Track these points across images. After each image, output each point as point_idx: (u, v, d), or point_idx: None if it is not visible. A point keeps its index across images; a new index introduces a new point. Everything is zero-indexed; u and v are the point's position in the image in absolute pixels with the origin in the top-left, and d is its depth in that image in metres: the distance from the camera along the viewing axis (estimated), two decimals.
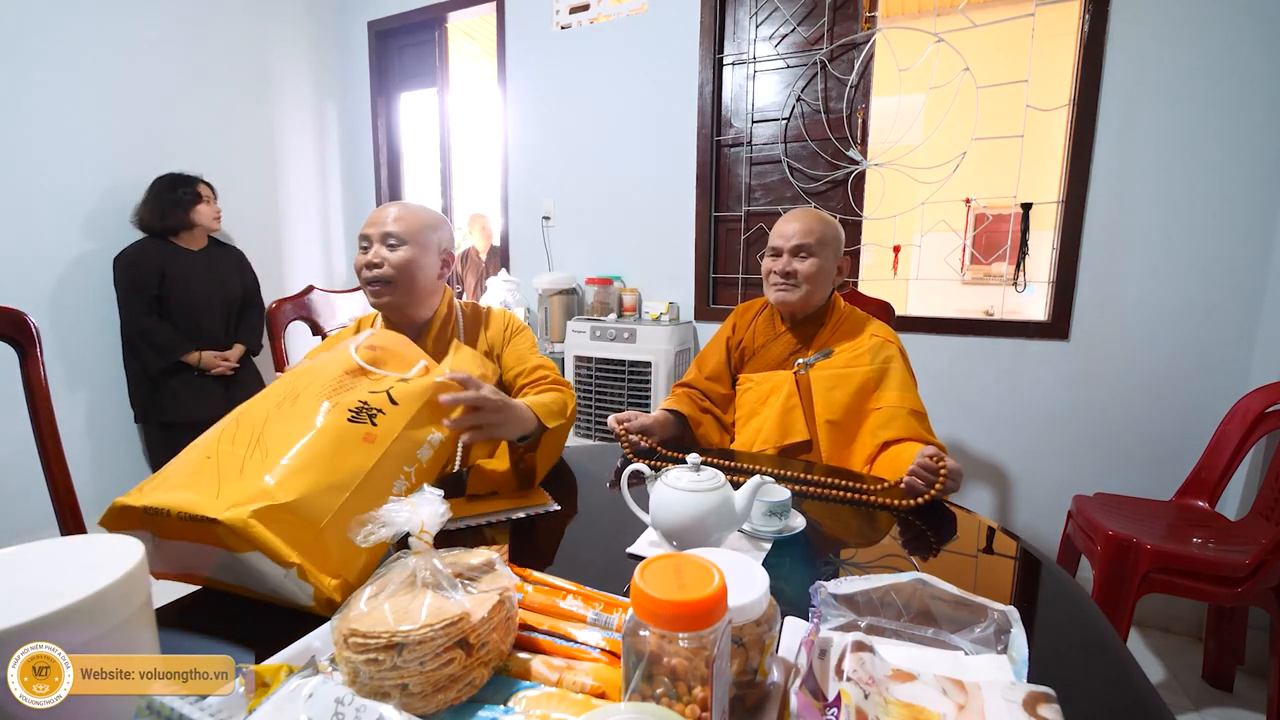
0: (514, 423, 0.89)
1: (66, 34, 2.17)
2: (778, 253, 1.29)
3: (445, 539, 0.75)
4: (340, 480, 0.63)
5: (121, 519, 0.60)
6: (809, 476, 1.02)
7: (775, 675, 0.50)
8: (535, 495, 0.93)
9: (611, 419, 1.18)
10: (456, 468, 1.09)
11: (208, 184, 2.38)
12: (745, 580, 0.47)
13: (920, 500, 0.92)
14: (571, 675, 0.48)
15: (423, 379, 0.79)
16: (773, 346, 1.34)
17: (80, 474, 1.06)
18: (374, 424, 0.68)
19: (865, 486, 0.98)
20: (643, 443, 1.19)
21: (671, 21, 2.43)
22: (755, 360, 1.37)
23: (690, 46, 2.41)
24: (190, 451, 0.66)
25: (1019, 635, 0.52)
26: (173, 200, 2.27)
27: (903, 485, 0.95)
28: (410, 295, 1.09)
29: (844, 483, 0.98)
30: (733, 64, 2.40)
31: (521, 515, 0.87)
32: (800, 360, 1.27)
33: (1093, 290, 1.92)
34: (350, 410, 0.68)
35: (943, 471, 0.93)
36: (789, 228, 1.28)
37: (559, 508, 0.90)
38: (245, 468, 0.61)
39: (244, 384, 2.43)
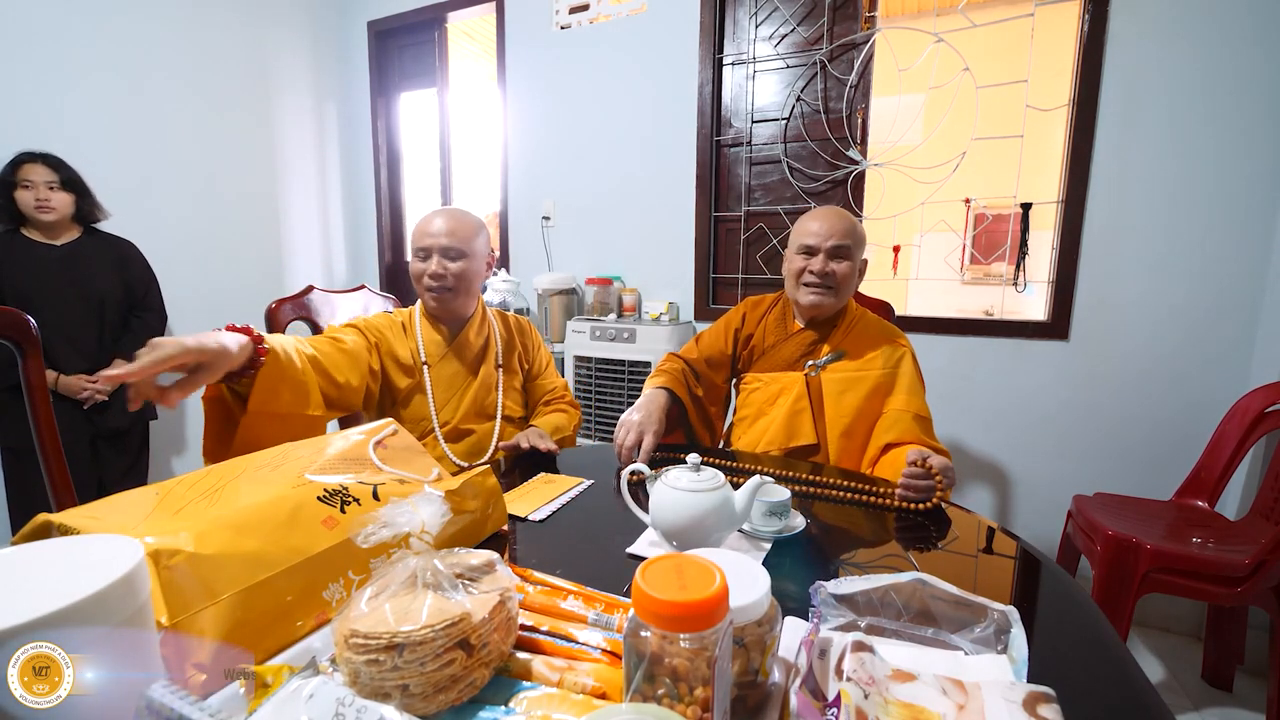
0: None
1: (66, 33, 2.17)
2: (812, 251, 1.24)
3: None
4: (273, 555, 0.55)
5: (39, 535, 0.54)
6: (809, 477, 1.02)
7: (776, 675, 0.50)
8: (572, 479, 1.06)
9: (624, 446, 1.11)
10: (487, 459, 1.21)
11: (48, 162, 1.90)
12: (746, 580, 0.47)
13: (925, 505, 0.92)
14: (572, 676, 0.48)
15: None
16: (783, 347, 1.32)
17: None
18: (343, 511, 0.62)
19: (865, 487, 0.98)
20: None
21: (671, 21, 2.43)
22: (764, 360, 1.35)
23: (690, 46, 2.41)
24: (148, 487, 0.61)
25: (1019, 635, 0.52)
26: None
27: (897, 497, 0.94)
28: (465, 297, 1.26)
29: (844, 483, 0.98)
30: (732, 64, 2.40)
31: (575, 492, 0.99)
32: (812, 362, 1.26)
33: (1092, 290, 1.92)
34: (326, 490, 0.63)
35: (939, 480, 0.92)
36: (822, 226, 1.23)
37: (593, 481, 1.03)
38: (185, 510, 0.55)
39: (120, 408, 1.98)
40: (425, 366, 1.22)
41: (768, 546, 0.79)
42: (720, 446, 1.38)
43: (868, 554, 0.83)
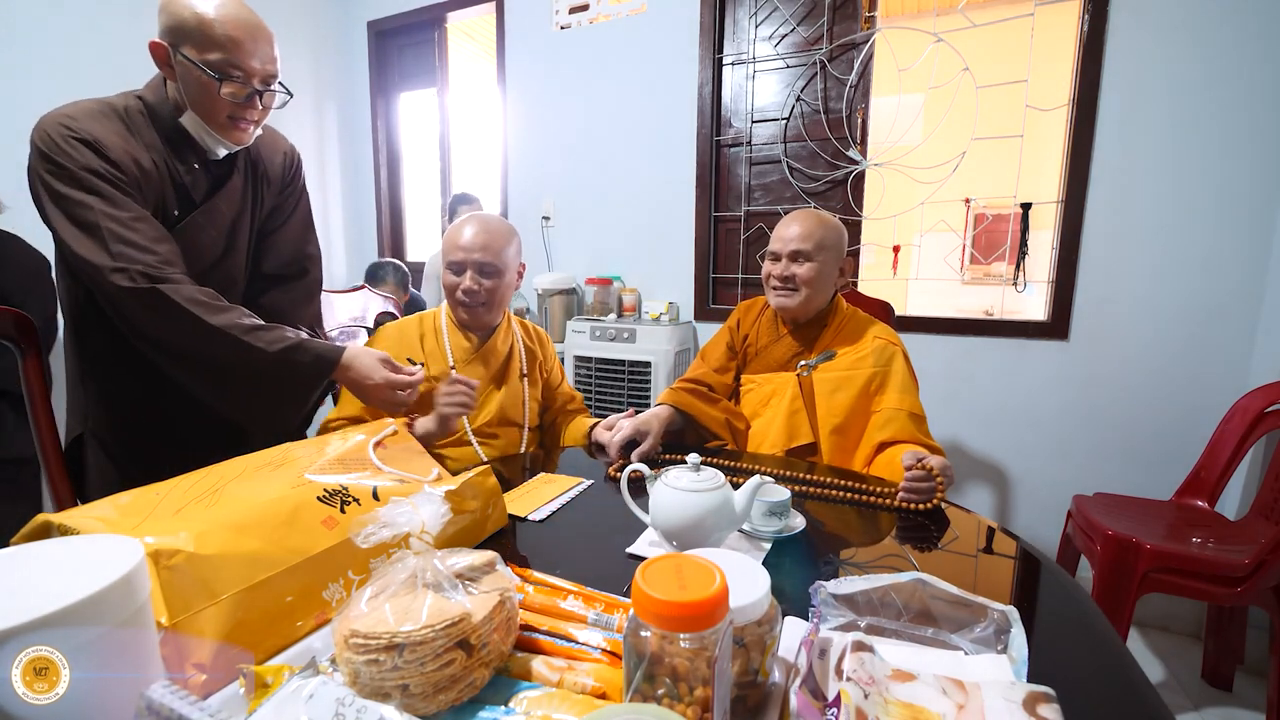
0: None
1: (63, 34, 2.17)
2: (776, 256, 1.29)
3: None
4: (273, 555, 0.54)
5: (38, 535, 0.54)
6: (810, 477, 1.02)
7: (776, 675, 0.50)
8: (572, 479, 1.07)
9: (614, 444, 1.14)
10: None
11: None
12: (746, 581, 0.47)
13: (926, 505, 0.92)
14: (572, 676, 0.48)
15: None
16: (775, 348, 1.34)
17: None
18: (342, 511, 0.62)
19: (866, 487, 0.98)
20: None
21: (671, 21, 2.43)
22: (757, 361, 1.36)
23: (690, 46, 2.41)
24: (147, 487, 0.61)
25: (1019, 635, 0.52)
26: None
27: (899, 500, 0.94)
28: (496, 310, 1.27)
29: (844, 483, 0.98)
30: (732, 64, 2.40)
31: (575, 492, 0.99)
32: (803, 363, 1.27)
33: (1092, 290, 1.92)
34: (326, 490, 0.63)
35: (939, 480, 0.93)
36: (788, 231, 1.27)
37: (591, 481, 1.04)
38: (185, 510, 0.56)
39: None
40: (453, 369, 1.23)
41: (768, 546, 0.79)
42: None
43: (868, 554, 0.83)
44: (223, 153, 1.04)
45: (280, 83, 1.03)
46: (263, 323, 0.96)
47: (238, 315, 0.95)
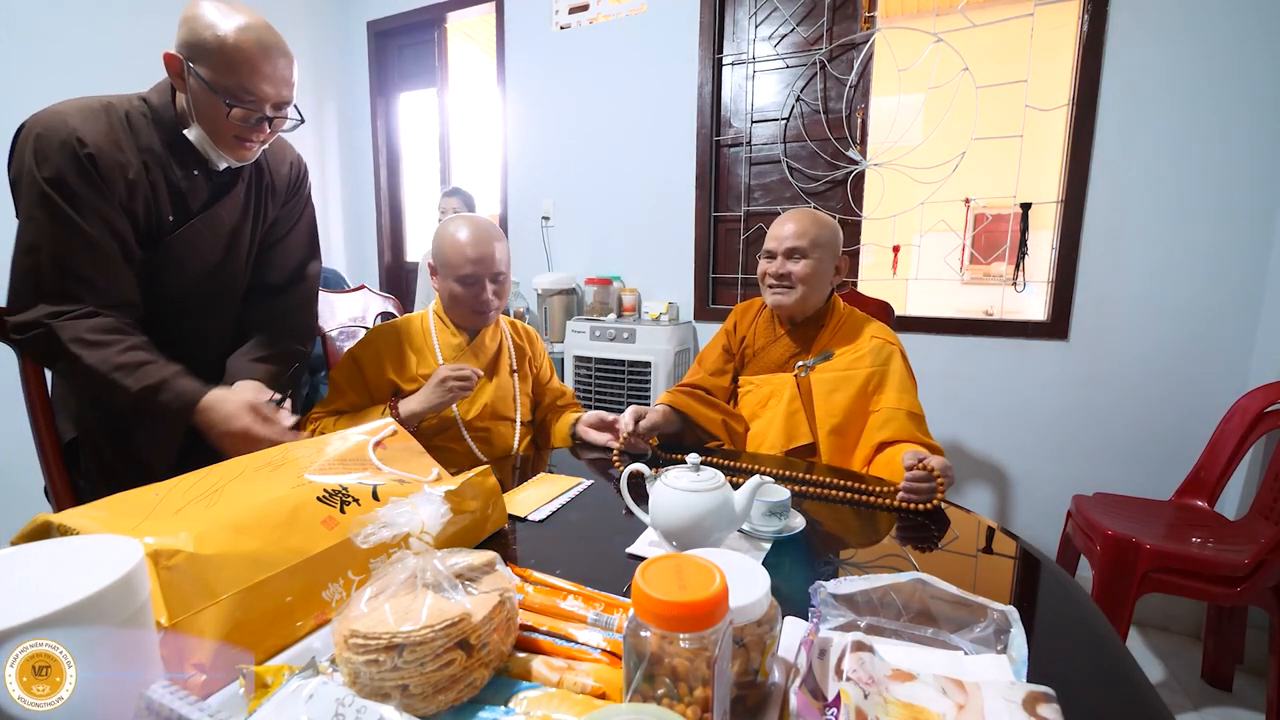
0: None
1: (62, 36, 2.16)
2: (772, 255, 1.29)
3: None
4: (273, 555, 0.54)
5: (38, 535, 0.53)
6: (809, 477, 1.02)
7: (776, 675, 0.50)
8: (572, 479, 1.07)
9: (623, 426, 1.18)
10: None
11: None
12: (746, 581, 0.47)
13: (926, 506, 0.92)
14: (572, 676, 0.48)
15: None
16: (772, 349, 1.34)
17: None
18: (342, 511, 0.62)
19: (866, 487, 0.98)
20: (644, 445, 1.19)
21: (671, 21, 2.43)
22: (755, 362, 1.36)
23: (689, 46, 2.41)
24: (147, 487, 0.61)
25: (1018, 635, 0.52)
26: None
27: (899, 500, 0.94)
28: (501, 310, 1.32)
29: (844, 483, 0.98)
30: (732, 64, 2.40)
31: (575, 492, 0.99)
32: (801, 363, 1.27)
33: (1092, 290, 1.92)
34: (326, 490, 0.63)
35: (940, 480, 0.93)
36: (783, 229, 1.27)
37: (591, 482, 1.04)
38: (185, 510, 0.56)
39: None
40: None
41: (768, 546, 0.79)
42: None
43: (867, 554, 0.83)
44: (224, 166, 1.04)
45: (295, 106, 1.02)
46: (143, 359, 0.92)
47: (116, 351, 0.90)
